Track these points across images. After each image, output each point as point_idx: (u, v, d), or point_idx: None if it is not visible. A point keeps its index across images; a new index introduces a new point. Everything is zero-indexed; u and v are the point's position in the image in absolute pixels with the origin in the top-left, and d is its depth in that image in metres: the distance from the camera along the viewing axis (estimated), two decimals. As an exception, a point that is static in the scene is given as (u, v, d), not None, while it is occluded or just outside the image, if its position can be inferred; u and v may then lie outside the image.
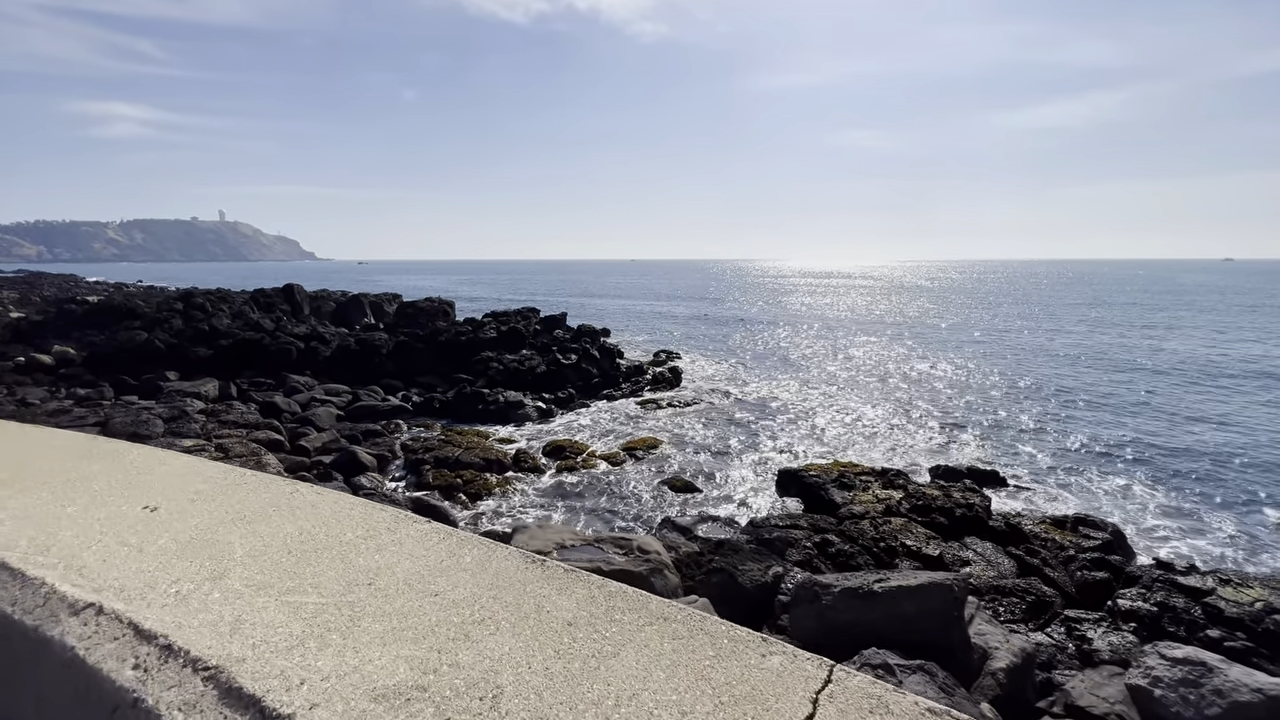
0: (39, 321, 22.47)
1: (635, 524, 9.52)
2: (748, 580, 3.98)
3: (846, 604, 3.14)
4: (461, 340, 19.10)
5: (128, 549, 1.75)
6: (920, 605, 3.05)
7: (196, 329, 19.05)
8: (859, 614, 3.10)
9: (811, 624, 3.22)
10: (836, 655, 1.77)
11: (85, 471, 2.48)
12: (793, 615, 3.46)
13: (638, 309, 53.34)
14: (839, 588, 3.24)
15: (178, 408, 12.95)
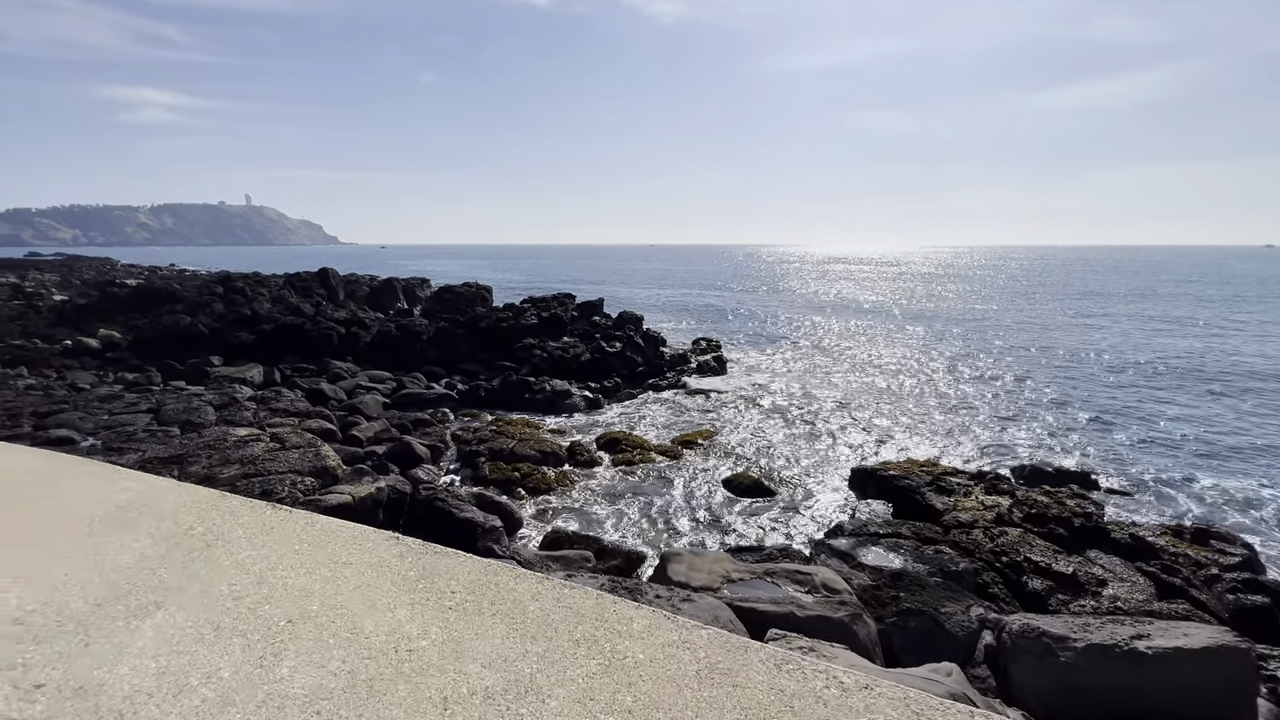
0: (83, 305, 22.61)
1: (707, 525, 9.03)
2: (956, 626, 3.43)
3: (1098, 664, 2.60)
4: (502, 327, 18.69)
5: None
6: (1209, 674, 2.50)
7: (238, 313, 18.92)
8: (1117, 678, 2.56)
9: (1047, 685, 2.69)
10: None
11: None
12: (1017, 670, 2.93)
13: (665, 295, 52.62)
14: (1082, 642, 2.69)
15: (227, 394, 12.74)
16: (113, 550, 2.41)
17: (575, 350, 17.30)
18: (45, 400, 12.31)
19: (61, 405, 11.71)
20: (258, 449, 9.28)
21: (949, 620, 3.47)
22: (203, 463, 8.76)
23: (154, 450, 9.38)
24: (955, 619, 3.49)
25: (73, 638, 1.80)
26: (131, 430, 10.46)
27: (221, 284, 23.34)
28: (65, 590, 2.05)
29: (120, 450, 9.42)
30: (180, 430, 10.53)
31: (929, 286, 66.19)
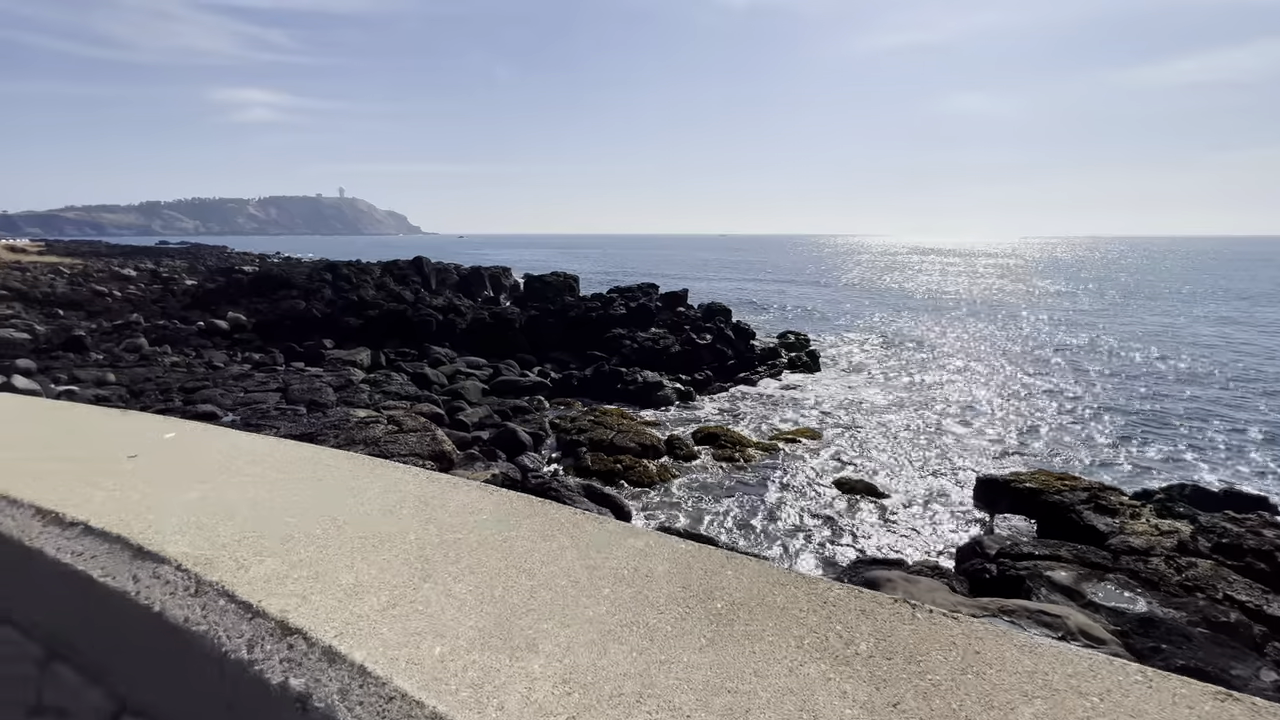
0: (212, 289, 24.76)
1: (821, 528, 8.59)
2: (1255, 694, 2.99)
3: None
4: (592, 317, 18.78)
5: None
6: None
7: (347, 299, 20.05)
8: None
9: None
10: None
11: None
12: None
13: (742, 286, 51.61)
14: None
15: (344, 376, 13.45)
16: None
17: (665, 341, 17.10)
18: (189, 377, 13.45)
19: (203, 382, 12.75)
20: (378, 431, 9.67)
21: (1246, 688, 2.96)
22: (331, 442, 9.21)
23: (286, 427, 9.99)
24: (1252, 685, 2.95)
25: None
26: (265, 408, 11.20)
27: (330, 271, 24.86)
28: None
29: (257, 427, 10.09)
30: (306, 409, 11.18)
31: (1030, 281, 61.36)
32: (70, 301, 24.74)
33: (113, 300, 25.75)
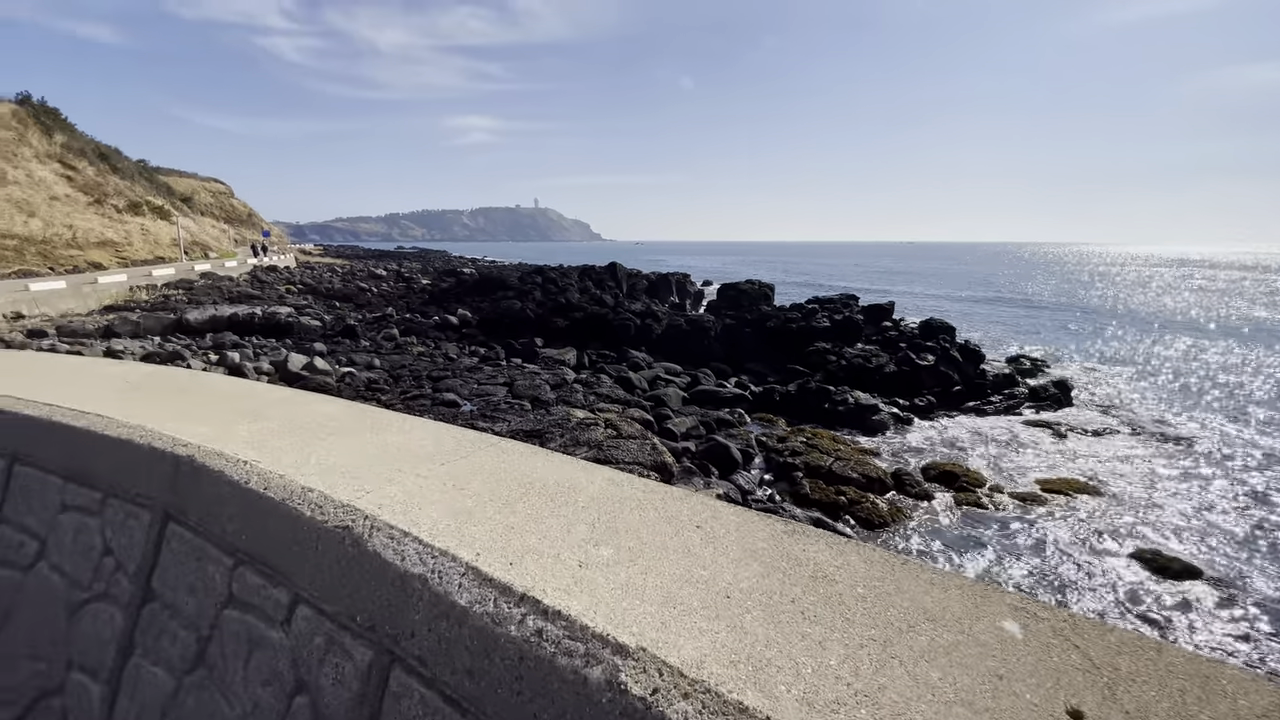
0: (444, 289, 28.40)
1: (1127, 610, 6.74)
2: None
3: None
4: (792, 328, 17.75)
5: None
6: None
7: (555, 301, 21.49)
8: None
9: None
10: None
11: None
12: None
13: (946, 300, 46.14)
14: None
15: (558, 375, 14.19)
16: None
17: (878, 360, 15.47)
18: (432, 366, 15.24)
19: (445, 372, 14.31)
20: (598, 434, 9.84)
21: None
22: (558, 440, 9.56)
23: (516, 422, 10.64)
24: None
25: None
26: (495, 400, 12.14)
27: (539, 275, 27.01)
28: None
29: (492, 418, 10.90)
30: (530, 405, 11.87)
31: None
32: (343, 295, 30.08)
33: (371, 295, 30.81)
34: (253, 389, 3.98)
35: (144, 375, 4.30)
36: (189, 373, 4.42)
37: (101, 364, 4.85)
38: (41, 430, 3.16)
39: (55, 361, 5.03)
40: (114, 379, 4.12)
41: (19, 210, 26.94)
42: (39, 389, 3.68)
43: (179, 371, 4.48)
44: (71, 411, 3.18)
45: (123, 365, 4.78)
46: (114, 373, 4.36)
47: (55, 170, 32.98)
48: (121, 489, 2.76)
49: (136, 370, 4.51)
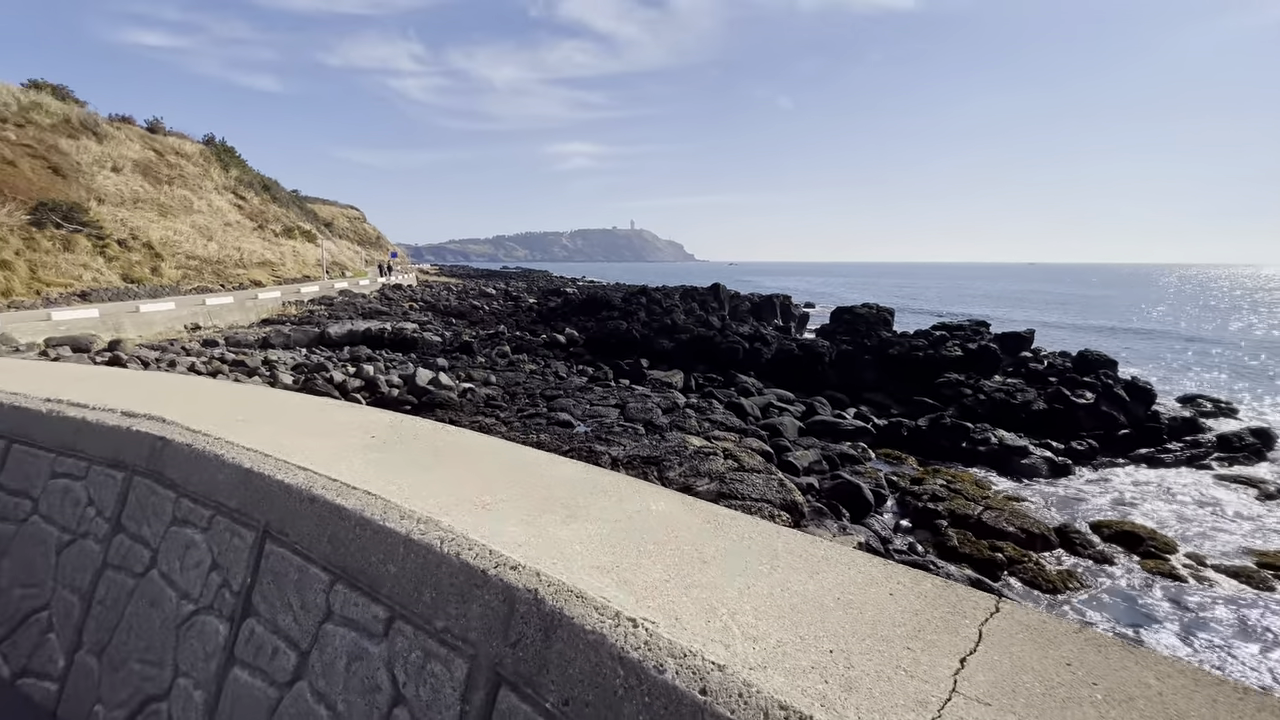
0: (551, 308, 29.34)
1: None
2: None
3: None
4: (918, 357, 16.38)
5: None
6: None
7: (661, 323, 21.39)
8: None
9: None
10: None
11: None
12: None
13: (1092, 333, 41.33)
14: None
15: (669, 398, 13.91)
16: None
17: (1023, 395, 13.83)
18: (544, 384, 15.51)
19: (557, 391, 14.49)
20: (718, 465, 9.38)
21: None
22: (676, 469, 9.21)
23: (631, 446, 10.42)
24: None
25: None
26: (609, 423, 12.04)
27: (643, 295, 27.16)
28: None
29: (607, 441, 10.76)
30: (644, 430, 11.64)
31: None
32: (458, 312, 31.90)
33: (483, 313, 32.45)
34: (520, 456, 3.17)
35: (385, 427, 3.61)
36: (432, 426, 3.69)
37: (333, 409, 4.14)
38: (299, 503, 2.58)
39: (282, 401, 4.37)
40: (353, 430, 3.53)
41: (200, 235, 31.18)
42: (280, 438, 3.19)
43: (421, 424, 3.73)
44: (333, 483, 2.60)
45: (359, 413, 4.02)
46: (350, 421, 3.74)
47: (229, 200, 38.04)
48: (429, 624, 2.07)
49: (373, 420, 3.82)
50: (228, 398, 4.39)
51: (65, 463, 3.57)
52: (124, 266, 24.42)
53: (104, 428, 3.45)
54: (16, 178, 23.94)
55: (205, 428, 3.30)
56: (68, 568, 3.36)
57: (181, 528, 3.00)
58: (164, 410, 3.63)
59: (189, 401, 4.05)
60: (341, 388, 13.23)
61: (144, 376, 5.07)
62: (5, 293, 19.13)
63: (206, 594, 2.80)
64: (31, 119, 28.01)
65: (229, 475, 2.85)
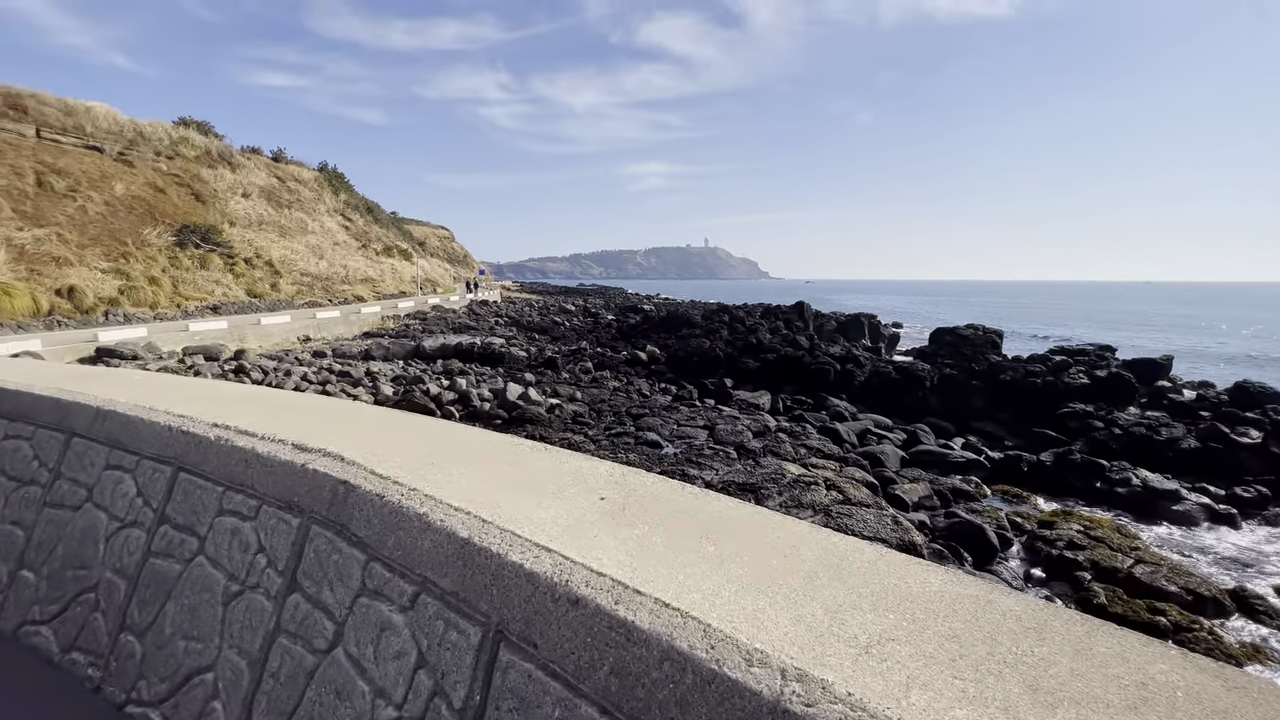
0: (631, 325, 29.45)
1: None
2: None
3: None
4: (1034, 384, 14.91)
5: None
6: None
7: (745, 341, 20.84)
8: None
9: None
10: None
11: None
12: None
13: (1240, 360, 36.64)
14: None
15: (759, 421, 13.36)
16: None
17: (1169, 430, 12.18)
18: (629, 402, 15.36)
19: (643, 410, 14.29)
20: (820, 495, 8.77)
21: None
22: (775, 499, 8.68)
23: (724, 471, 9.99)
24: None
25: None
26: (698, 445, 11.66)
27: (725, 313, 26.70)
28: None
29: (698, 464, 10.39)
30: (735, 453, 11.17)
31: None
32: (540, 328, 32.68)
33: (564, 329, 33.07)
34: (827, 541, 2.28)
35: (610, 482, 2.76)
36: (667, 486, 2.81)
37: (530, 452, 3.27)
38: (552, 603, 1.87)
39: (464, 439, 3.55)
40: (569, 482, 2.74)
41: (313, 253, 33.88)
42: (486, 492, 2.55)
43: (649, 481, 2.84)
44: (597, 577, 1.87)
45: (564, 460, 3.14)
46: (560, 470, 2.94)
47: (338, 221, 41.26)
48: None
49: (586, 470, 2.96)
50: (397, 428, 3.73)
51: (234, 499, 3.15)
52: (249, 282, 26.83)
53: (276, 462, 3.01)
54: (166, 203, 26.99)
55: (392, 471, 2.74)
56: (236, 625, 2.89)
57: (374, 601, 2.42)
58: (338, 444, 3.10)
59: (357, 432, 3.49)
60: (437, 400, 13.66)
61: (301, 400, 4.38)
62: (153, 305, 21.42)
63: (415, 702, 2.12)
64: (179, 151, 31.62)
65: (438, 544, 2.23)
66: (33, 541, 3.87)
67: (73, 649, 3.44)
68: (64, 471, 3.92)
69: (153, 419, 3.56)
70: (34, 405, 3.96)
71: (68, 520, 3.77)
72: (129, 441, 3.61)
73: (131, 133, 29.38)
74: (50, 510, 3.86)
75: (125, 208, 25.28)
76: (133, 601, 3.33)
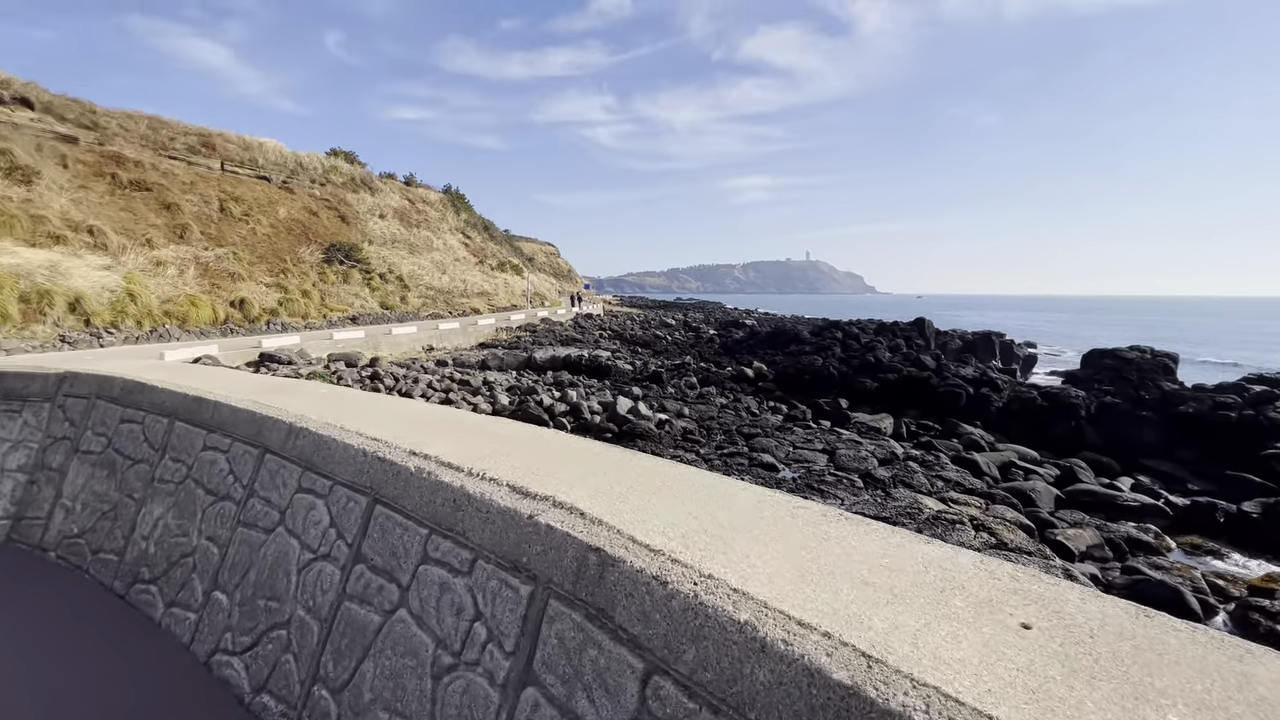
0: (736, 340, 28.84)
1: None
2: None
3: None
4: (1228, 418, 12.61)
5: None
6: None
7: (862, 360, 19.59)
8: None
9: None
10: None
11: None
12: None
13: None
14: None
15: (884, 448, 12.34)
16: None
17: None
18: (739, 420, 14.84)
19: (754, 429, 13.72)
20: (968, 536, 7.80)
21: None
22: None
23: (851, 502, 9.23)
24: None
25: None
26: (818, 470, 10.93)
27: (837, 329, 25.38)
28: None
29: (820, 492, 9.70)
30: (861, 482, 10.33)
31: None
32: (643, 342, 32.89)
33: (666, 343, 33.05)
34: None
35: (888, 568, 2.04)
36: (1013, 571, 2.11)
37: (789, 510, 2.55)
38: None
39: (705, 484, 2.96)
40: (857, 561, 2.04)
41: (437, 269, 36.57)
42: (793, 577, 1.86)
43: (963, 561, 2.18)
44: None
45: (834, 525, 2.46)
46: (828, 535, 2.30)
47: (459, 239, 44.38)
48: None
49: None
50: (613, 465, 3.15)
51: (441, 545, 2.54)
52: (382, 295, 29.35)
53: (493, 508, 2.40)
54: (318, 225, 30.28)
55: (657, 539, 2.04)
56: (451, 710, 2.25)
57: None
58: (563, 488, 2.53)
59: (578, 476, 2.77)
60: (550, 411, 13.93)
61: (493, 425, 3.78)
62: (304, 315, 23.92)
63: None
64: (330, 179, 35.47)
65: (787, 681, 1.44)
66: (227, 561, 3.71)
67: (264, 690, 3.16)
68: (257, 489, 3.70)
69: (345, 440, 3.21)
70: (231, 418, 3.79)
71: (260, 543, 3.53)
72: (321, 463, 3.29)
73: (293, 163, 33.38)
74: (244, 530, 3.67)
75: (286, 229, 28.64)
76: (326, 649, 2.91)
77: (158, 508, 3.48)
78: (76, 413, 3.81)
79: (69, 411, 3.87)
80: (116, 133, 27.10)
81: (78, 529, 3.48)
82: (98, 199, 23.74)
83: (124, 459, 3.68)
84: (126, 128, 27.71)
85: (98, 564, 3.51)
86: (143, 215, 24.39)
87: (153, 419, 3.67)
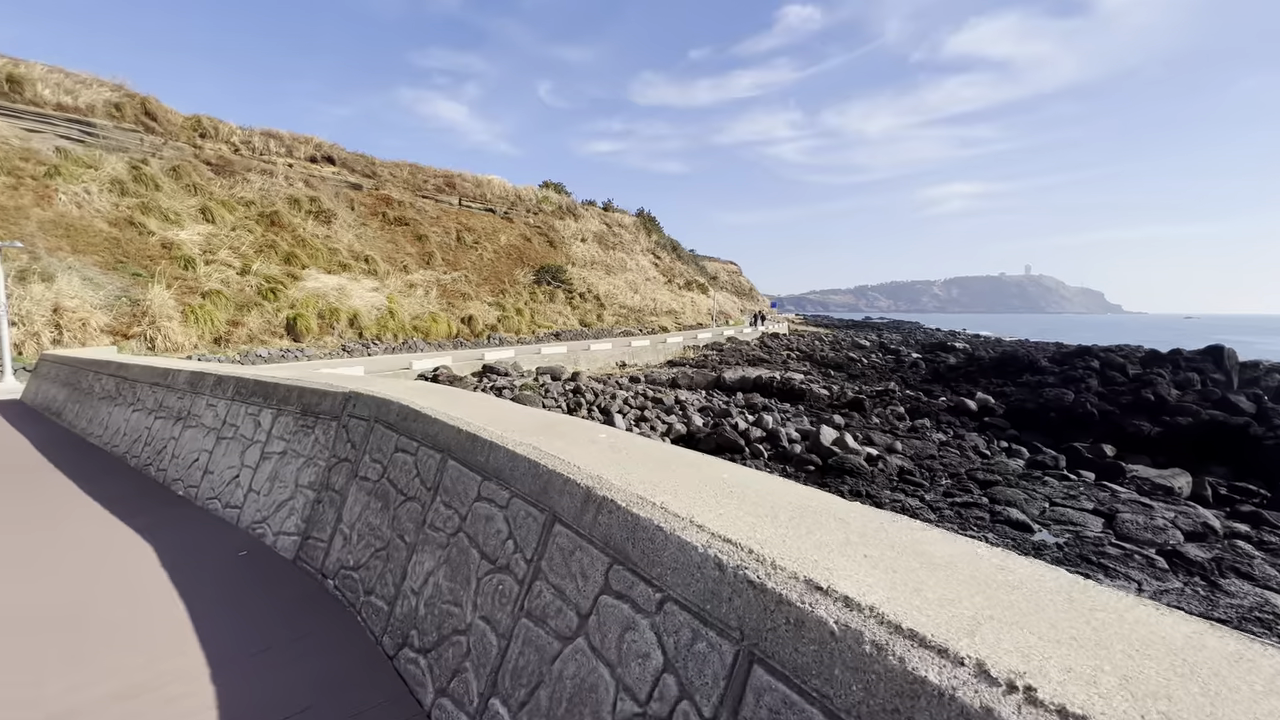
0: (951, 366, 25.36)
1: None
2: None
3: None
4: None
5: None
6: None
7: (1136, 396, 15.67)
8: None
9: None
10: None
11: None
12: None
13: None
14: None
15: (1188, 517, 9.44)
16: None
17: None
18: (965, 462, 12.67)
19: (990, 475, 11.54)
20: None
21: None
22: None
23: (1153, 588, 7.04)
24: None
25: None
26: (1090, 538, 8.65)
27: (1091, 356, 20.90)
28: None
29: (1103, 568, 7.60)
30: (1164, 562, 7.89)
31: None
32: (835, 364, 30.64)
33: (862, 366, 30.37)
34: None
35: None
36: None
37: (1083, 594, 1.39)
38: None
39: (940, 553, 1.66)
40: (1177, 666, 1.13)
41: (630, 288, 38.46)
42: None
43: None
44: None
45: (1127, 607, 1.35)
46: (1129, 621, 1.30)
47: (650, 259, 46.37)
48: None
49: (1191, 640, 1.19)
50: (859, 534, 1.86)
51: (707, 636, 1.62)
52: (581, 313, 31.54)
53: (798, 614, 1.43)
54: (530, 250, 33.72)
55: (971, 649, 1.19)
56: None
57: None
58: (827, 566, 1.53)
59: (808, 526, 1.80)
60: (745, 436, 13.30)
61: (729, 470, 2.45)
62: (517, 331, 26.54)
63: None
64: (541, 208, 39.47)
65: None
66: (508, 661, 2.38)
67: (444, 695, 2.60)
68: (545, 571, 2.26)
69: (682, 535, 1.79)
70: (510, 465, 2.71)
71: (554, 653, 2.13)
72: (641, 563, 1.89)
73: (513, 196, 37.80)
74: (529, 624, 2.26)
75: (505, 254, 32.36)
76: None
77: (428, 559, 3.02)
78: (358, 435, 3.93)
79: (351, 433, 4.01)
80: (387, 179, 33.20)
81: (353, 561, 3.54)
82: (372, 233, 29.15)
83: (397, 493, 3.39)
84: (394, 174, 33.82)
85: (369, 608, 3.36)
86: (402, 245, 29.36)
87: (425, 452, 3.25)
